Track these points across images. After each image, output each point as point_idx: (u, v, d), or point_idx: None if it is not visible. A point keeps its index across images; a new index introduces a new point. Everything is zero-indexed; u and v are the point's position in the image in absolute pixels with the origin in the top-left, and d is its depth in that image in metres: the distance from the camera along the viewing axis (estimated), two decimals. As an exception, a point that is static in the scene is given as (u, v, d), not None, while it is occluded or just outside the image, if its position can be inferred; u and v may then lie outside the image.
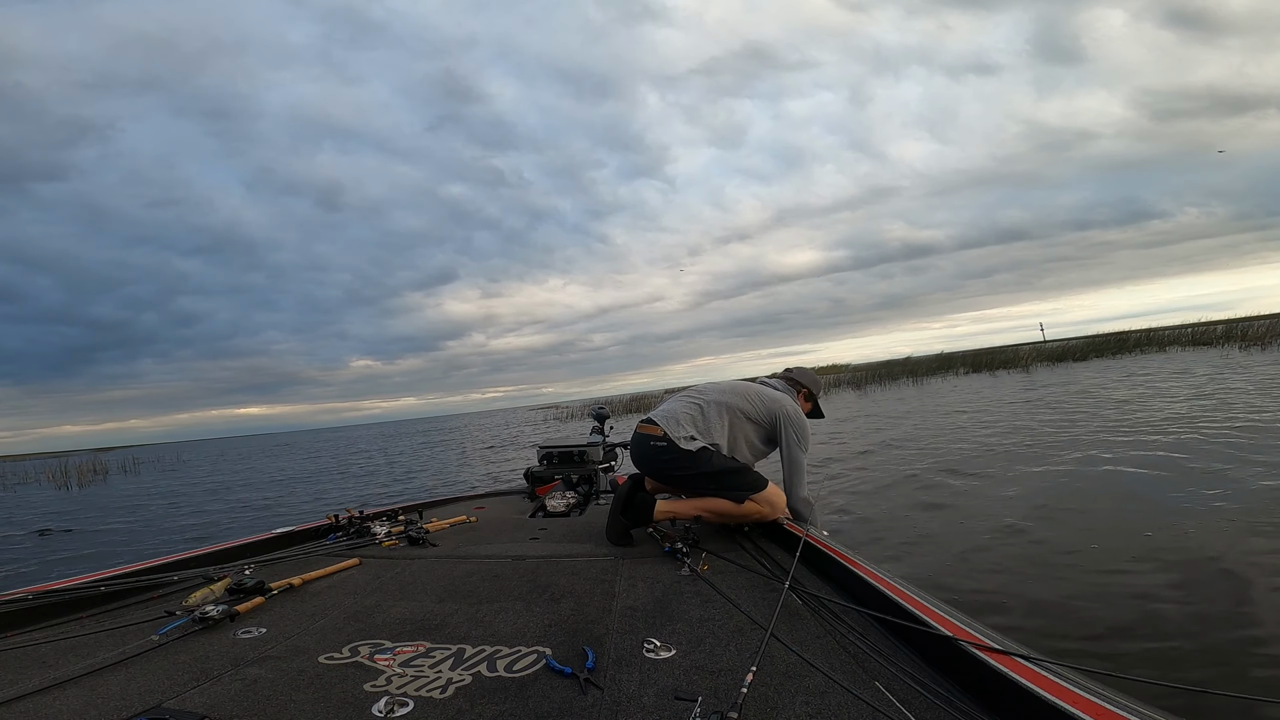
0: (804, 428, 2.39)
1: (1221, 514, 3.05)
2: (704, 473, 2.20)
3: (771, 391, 2.47)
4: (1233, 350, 16.84)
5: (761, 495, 2.18)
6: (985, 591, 2.49)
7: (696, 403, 2.38)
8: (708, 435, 2.29)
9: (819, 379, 2.77)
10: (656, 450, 2.25)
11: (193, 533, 5.95)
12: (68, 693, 1.15)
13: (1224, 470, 3.92)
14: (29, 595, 1.64)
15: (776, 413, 2.38)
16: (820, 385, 2.76)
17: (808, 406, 2.65)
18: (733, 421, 2.34)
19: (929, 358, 29.29)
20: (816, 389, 2.71)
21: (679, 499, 2.32)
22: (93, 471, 15.99)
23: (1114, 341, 24.67)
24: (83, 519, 7.69)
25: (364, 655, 1.29)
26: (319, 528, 2.60)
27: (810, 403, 2.68)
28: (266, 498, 8.71)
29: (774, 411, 2.38)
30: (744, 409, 2.36)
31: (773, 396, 2.43)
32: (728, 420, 2.33)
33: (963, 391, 14.20)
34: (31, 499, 10.94)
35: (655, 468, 2.30)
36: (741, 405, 2.37)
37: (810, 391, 2.68)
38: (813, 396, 2.69)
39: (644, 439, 2.30)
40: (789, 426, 2.35)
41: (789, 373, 2.71)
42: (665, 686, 1.09)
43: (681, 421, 2.28)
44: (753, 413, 2.37)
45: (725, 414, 2.34)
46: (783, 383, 2.63)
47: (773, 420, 2.37)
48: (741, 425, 2.36)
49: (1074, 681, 0.90)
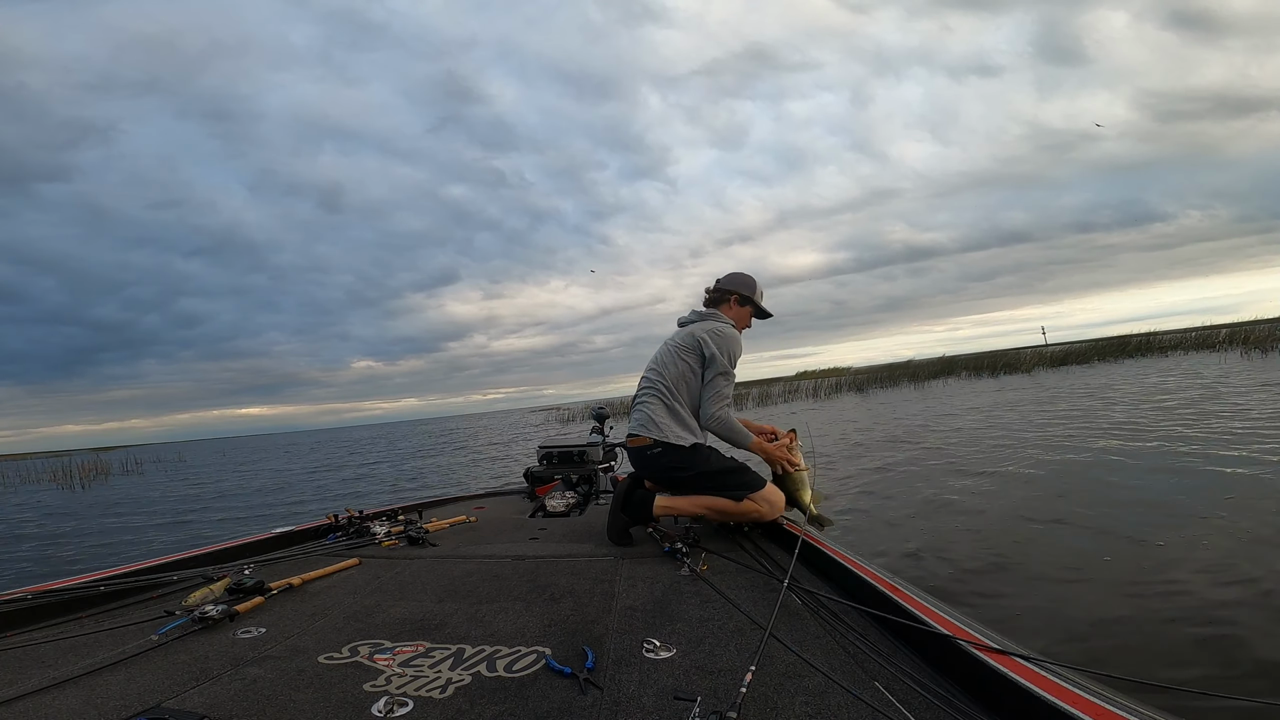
0: (724, 339, 2.25)
1: (1236, 518, 3.03)
2: (703, 472, 2.18)
3: (688, 330, 2.33)
4: (1234, 355, 16.81)
5: (759, 494, 2.16)
6: (987, 592, 2.49)
7: (657, 397, 2.27)
8: (686, 426, 2.24)
9: (751, 279, 2.45)
10: (654, 457, 2.22)
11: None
12: (67, 693, 1.15)
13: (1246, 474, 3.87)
14: (29, 595, 1.64)
15: (694, 345, 2.25)
16: (755, 286, 2.44)
17: (745, 311, 2.43)
18: (688, 391, 2.26)
19: (931, 361, 29.32)
20: (749, 290, 2.43)
21: (678, 495, 2.32)
22: (95, 471, 15.98)
23: (1116, 345, 24.65)
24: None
25: (364, 655, 1.29)
26: (318, 528, 2.60)
27: (747, 306, 2.43)
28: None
29: (693, 345, 2.25)
30: (679, 372, 2.26)
31: (690, 333, 2.30)
32: (683, 391, 2.25)
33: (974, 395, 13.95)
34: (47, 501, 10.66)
35: (657, 474, 2.28)
36: (676, 371, 2.27)
37: (742, 295, 2.42)
38: (747, 300, 2.43)
39: (638, 452, 2.28)
40: (706, 344, 2.22)
41: (718, 284, 2.45)
42: (665, 686, 1.09)
43: (659, 422, 2.22)
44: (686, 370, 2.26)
45: (679, 387, 2.25)
46: (707, 306, 2.43)
47: (698, 352, 2.24)
48: (687, 386, 2.26)
49: (1073, 681, 0.90)
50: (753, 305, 2.44)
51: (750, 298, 2.42)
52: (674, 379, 2.26)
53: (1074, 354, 23.67)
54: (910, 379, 23.36)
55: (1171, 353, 21.16)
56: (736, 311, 2.41)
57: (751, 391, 25.24)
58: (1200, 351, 19.83)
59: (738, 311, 2.41)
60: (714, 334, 2.25)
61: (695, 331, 2.27)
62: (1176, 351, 21.28)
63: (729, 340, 2.26)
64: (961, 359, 27.89)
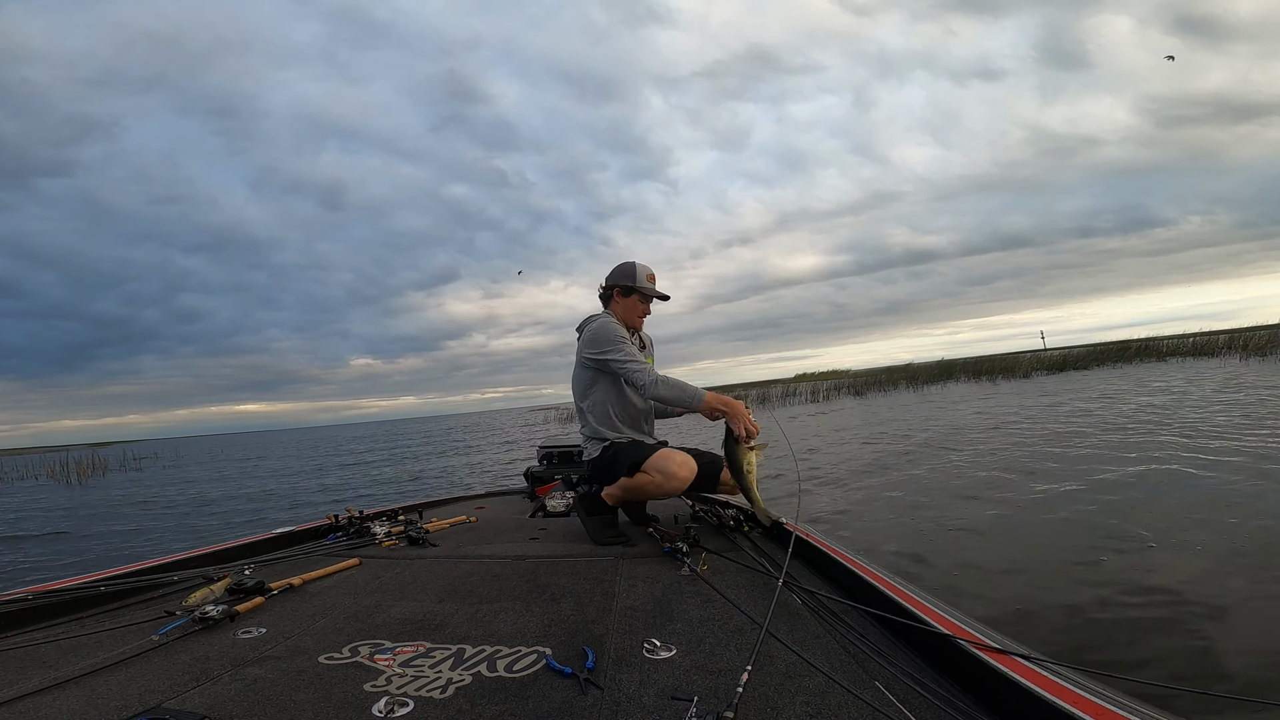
0: (597, 336, 2.24)
1: (1240, 523, 3.03)
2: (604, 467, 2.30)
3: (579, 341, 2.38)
4: (1233, 360, 16.77)
5: (649, 464, 2.14)
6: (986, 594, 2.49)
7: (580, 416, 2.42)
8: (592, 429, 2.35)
9: (630, 265, 2.37)
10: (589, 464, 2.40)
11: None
12: (68, 693, 1.15)
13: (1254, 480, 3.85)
14: (29, 595, 1.64)
15: (580, 360, 2.33)
16: (632, 272, 2.36)
17: (632, 300, 2.37)
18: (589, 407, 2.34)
19: (930, 364, 29.32)
20: (629, 278, 2.36)
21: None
22: (93, 468, 15.95)
23: (1115, 350, 24.64)
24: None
25: (364, 655, 1.29)
26: (319, 528, 2.60)
27: (632, 295, 2.37)
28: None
29: (580, 361, 2.34)
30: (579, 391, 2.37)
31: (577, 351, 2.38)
32: (586, 408, 2.35)
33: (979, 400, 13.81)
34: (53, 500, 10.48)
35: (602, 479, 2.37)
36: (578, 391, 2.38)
37: (623, 287, 2.37)
38: (629, 290, 2.36)
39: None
40: (587, 354, 2.28)
41: (601, 287, 2.44)
42: (665, 686, 1.09)
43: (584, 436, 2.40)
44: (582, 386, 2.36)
45: (580, 408, 2.38)
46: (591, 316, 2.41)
47: (585, 367, 2.32)
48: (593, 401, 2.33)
49: (1073, 681, 0.90)
50: (637, 292, 2.37)
51: (631, 286, 2.36)
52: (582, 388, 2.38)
53: (1073, 359, 23.64)
54: (909, 382, 23.35)
55: (1171, 358, 21.13)
56: (624, 304, 2.38)
57: (750, 393, 25.25)
58: (1201, 357, 19.81)
59: (626, 303, 2.38)
60: (594, 338, 2.28)
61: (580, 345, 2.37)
62: (1176, 357, 21.25)
63: (595, 333, 2.27)
64: (960, 363, 27.92)
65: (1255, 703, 1.32)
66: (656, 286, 2.41)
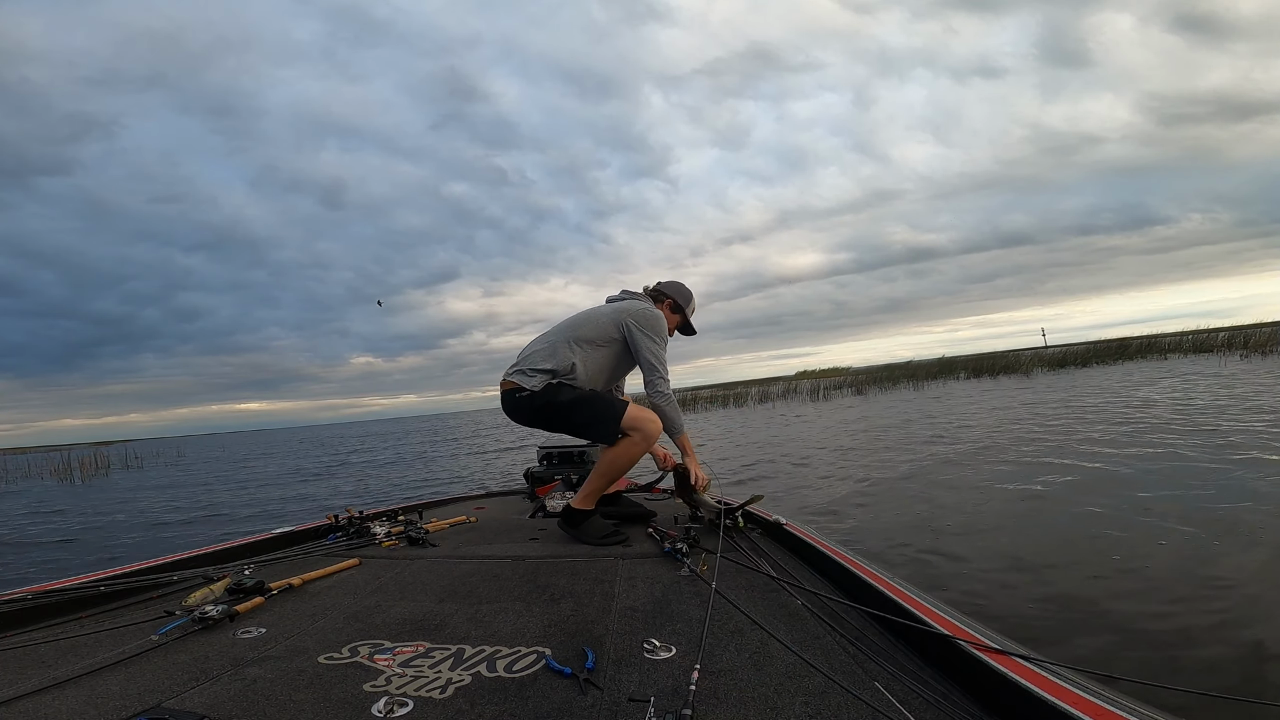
0: (653, 322, 2.26)
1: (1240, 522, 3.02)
2: (559, 410, 2.16)
3: (612, 305, 2.34)
4: (1233, 358, 16.75)
5: (626, 421, 2.12)
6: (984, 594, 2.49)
7: (548, 341, 2.26)
8: (562, 368, 2.21)
9: (689, 292, 2.50)
10: (519, 402, 2.20)
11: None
12: (67, 693, 1.15)
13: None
14: (29, 595, 1.64)
15: (619, 320, 2.24)
16: (690, 298, 2.49)
17: (675, 319, 2.46)
18: (582, 355, 2.23)
19: (930, 362, 29.29)
20: (685, 301, 2.46)
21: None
22: (96, 466, 15.93)
23: (1115, 348, 24.62)
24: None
25: (364, 655, 1.29)
26: (319, 528, 2.60)
27: (678, 314, 2.47)
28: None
29: (617, 321, 2.24)
30: (587, 336, 2.24)
31: (614, 307, 2.30)
32: (578, 353, 2.22)
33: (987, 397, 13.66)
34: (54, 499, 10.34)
35: (522, 418, 2.26)
36: (584, 334, 2.25)
37: (676, 302, 2.45)
38: (680, 309, 2.46)
39: (506, 395, 2.25)
40: (633, 324, 2.23)
41: (658, 284, 2.49)
42: (665, 686, 1.09)
43: (529, 369, 2.19)
44: (597, 335, 2.24)
45: (574, 347, 2.23)
46: (640, 295, 2.45)
47: (619, 329, 2.24)
48: (590, 353, 2.25)
49: (1073, 681, 0.90)
50: (682, 315, 2.49)
51: (683, 308, 2.48)
52: (577, 341, 2.23)
53: (1073, 356, 23.63)
54: (909, 379, 23.35)
55: (1171, 355, 21.13)
56: (667, 316, 2.43)
57: (752, 391, 25.23)
58: (1200, 354, 19.81)
59: (668, 316, 2.44)
60: (647, 322, 2.26)
61: (622, 314, 2.28)
62: (1175, 354, 21.26)
63: (652, 318, 2.28)
64: (960, 360, 27.89)
65: (1255, 703, 1.32)
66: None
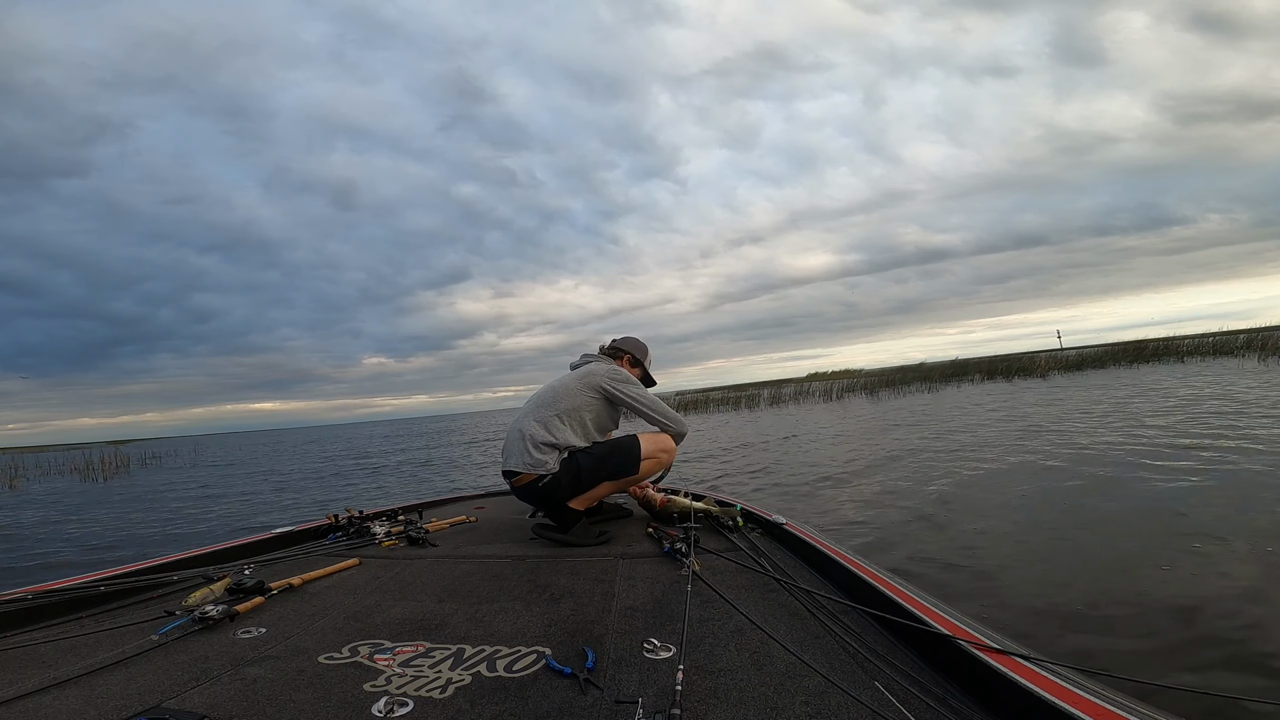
0: (626, 377, 2.36)
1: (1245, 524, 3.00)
2: (587, 474, 2.23)
3: (577, 373, 2.40)
4: (1252, 360, 16.53)
5: (646, 451, 2.28)
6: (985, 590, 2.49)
7: (535, 423, 2.26)
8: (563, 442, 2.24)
9: (644, 345, 2.60)
10: (546, 489, 2.20)
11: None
12: (67, 693, 1.15)
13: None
14: (29, 595, 1.64)
15: (592, 384, 2.31)
16: (647, 351, 2.60)
17: (636, 372, 2.53)
18: (572, 423, 2.28)
19: (943, 364, 29.05)
20: (643, 355, 2.57)
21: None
22: (115, 464, 15.91)
23: (1133, 350, 24.09)
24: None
25: (364, 655, 1.29)
26: (318, 528, 2.60)
27: (637, 368, 2.55)
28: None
29: (588, 384, 2.31)
30: (567, 408, 2.28)
31: (580, 375, 2.36)
32: (568, 422, 2.27)
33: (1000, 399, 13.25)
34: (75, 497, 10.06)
35: (559, 500, 2.24)
36: (563, 406, 2.28)
37: (634, 357, 2.54)
38: (639, 362, 2.55)
39: (526, 488, 2.24)
40: (610, 388, 2.32)
41: (613, 343, 2.58)
42: (665, 686, 1.09)
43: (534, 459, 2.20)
44: (576, 404, 2.29)
45: (563, 420, 2.27)
46: (598, 356, 2.52)
47: (595, 392, 2.32)
48: (578, 420, 2.29)
49: (1073, 681, 0.90)
50: (642, 368, 2.59)
51: (641, 361, 2.58)
52: (559, 416, 2.27)
53: (1090, 358, 23.16)
54: (922, 381, 23.16)
55: (1189, 358, 20.77)
56: (628, 370, 2.52)
57: (763, 392, 25.15)
58: (1220, 357, 19.51)
59: (628, 370, 2.53)
60: (618, 378, 2.37)
61: (591, 379, 2.34)
62: (1194, 357, 20.90)
63: (626, 378, 2.40)
64: (974, 362, 27.62)
65: (1255, 703, 1.32)
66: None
